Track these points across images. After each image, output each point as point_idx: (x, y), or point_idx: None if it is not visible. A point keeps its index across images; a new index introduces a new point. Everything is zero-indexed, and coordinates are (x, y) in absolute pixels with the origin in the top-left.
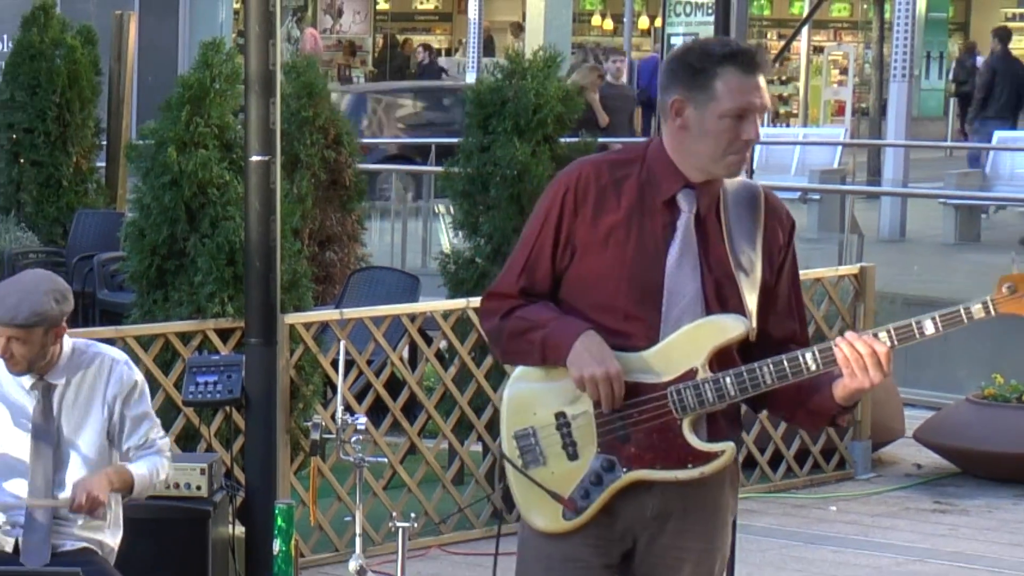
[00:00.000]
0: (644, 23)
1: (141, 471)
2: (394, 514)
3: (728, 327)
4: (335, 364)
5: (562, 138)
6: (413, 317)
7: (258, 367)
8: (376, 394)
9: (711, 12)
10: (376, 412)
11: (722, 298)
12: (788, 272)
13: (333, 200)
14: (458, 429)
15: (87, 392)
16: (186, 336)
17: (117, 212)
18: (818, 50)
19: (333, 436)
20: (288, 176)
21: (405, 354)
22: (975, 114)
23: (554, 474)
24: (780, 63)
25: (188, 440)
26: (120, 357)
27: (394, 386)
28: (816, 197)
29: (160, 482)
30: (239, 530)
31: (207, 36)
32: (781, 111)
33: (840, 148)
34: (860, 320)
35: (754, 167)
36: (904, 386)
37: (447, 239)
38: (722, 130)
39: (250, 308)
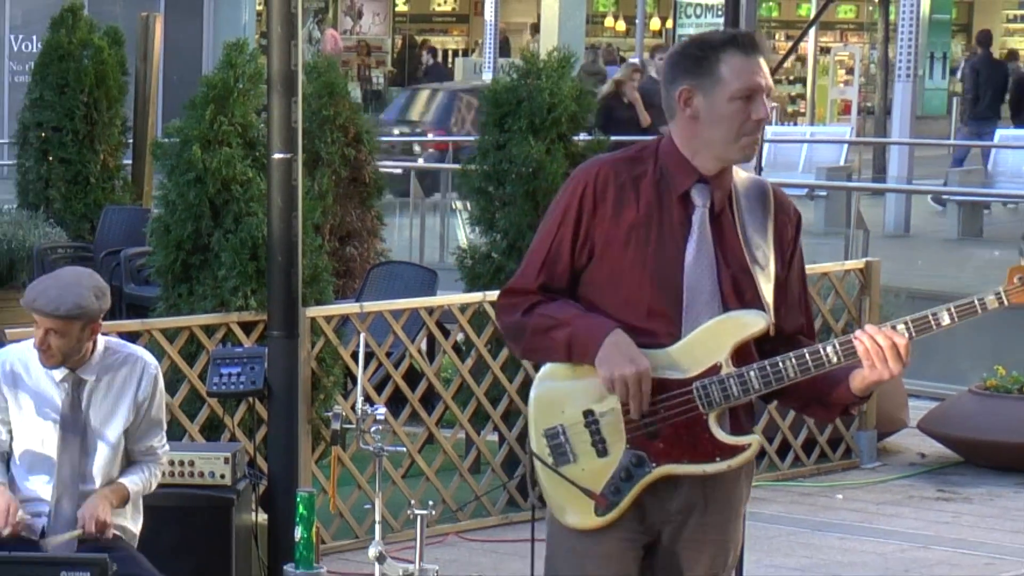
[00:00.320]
0: (655, 24)
1: (136, 485)
2: (412, 502)
3: (750, 322)
4: (355, 356)
5: (575, 136)
6: (431, 310)
7: (280, 359)
8: (395, 385)
9: (720, 14)
10: (395, 403)
11: (739, 293)
12: (797, 266)
13: (353, 196)
14: (475, 419)
15: (117, 389)
16: (210, 329)
17: (143, 208)
18: (825, 51)
19: (353, 426)
20: (309, 173)
21: (423, 346)
22: (968, 114)
23: (584, 471)
24: (798, 62)
25: (212, 430)
26: (152, 362)
27: (412, 377)
28: (823, 194)
29: (151, 489)
30: (262, 517)
31: (231, 37)
32: (789, 110)
33: (846, 146)
34: (865, 313)
35: (763, 164)
36: (909, 377)
37: (464, 235)
38: (734, 112)
39: (272, 302)
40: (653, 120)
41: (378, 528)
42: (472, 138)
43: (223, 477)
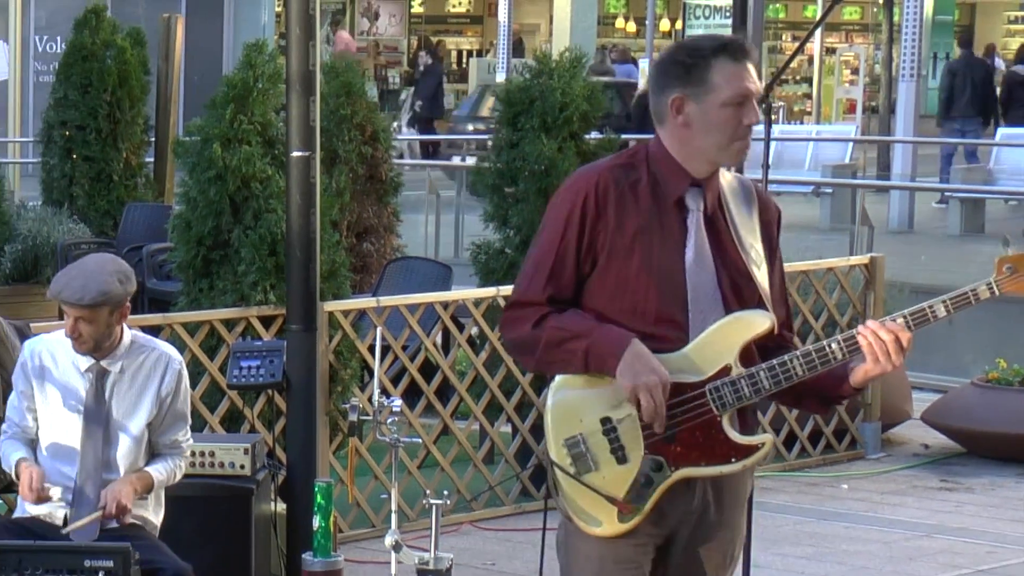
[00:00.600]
0: (665, 26)
1: (160, 475)
2: (428, 492)
3: (756, 322)
4: (372, 349)
5: (587, 135)
6: (446, 305)
7: (299, 352)
8: (411, 378)
9: (729, 15)
10: (411, 395)
11: (739, 292)
12: (779, 261)
13: (370, 194)
14: (489, 411)
15: (142, 382)
16: (230, 323)
17: (165, 205)
18: (830, 51)
19: (370, 418)
20: (327, 171)
21: (438, 340)
22: (942, 115)
23: (606, 479)
24: (805, 62)
25: (232, 421)
26: (177, 357)
27: (428, 370)
28: (829, 191)
29: (175, 480)
30: (281, 507)
31: (250, 38)
32: (796, 109)
33: (851, 144)
34: (870, 308)
35: (770, 162)
36: (912, 370)
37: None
38: (726, 119)
39: (291, 296)
40: None
41: (394, 517)
42: None
43: (243, 467)
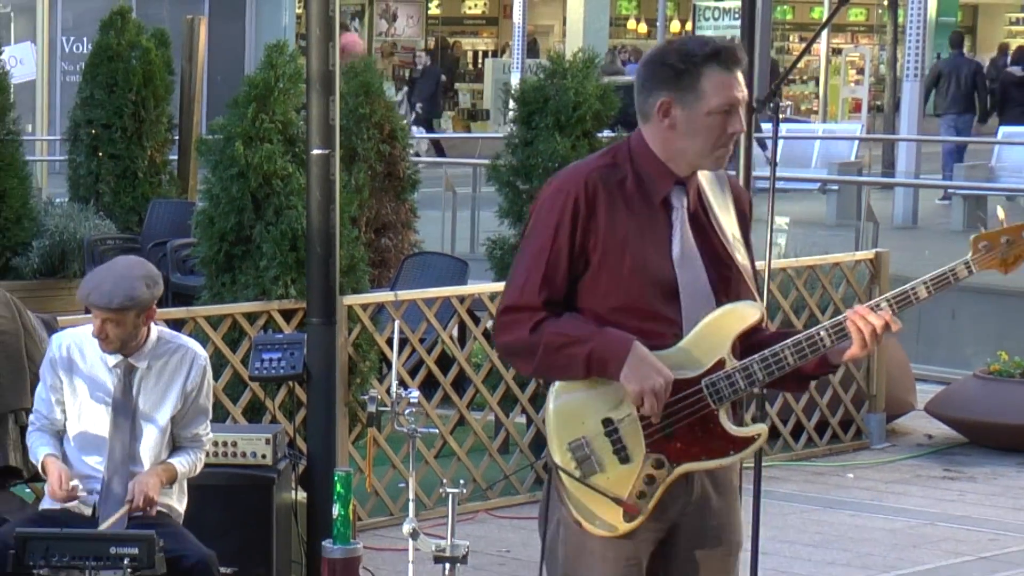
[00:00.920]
0: (676, 27)
1: (183, 467)
2: (444, 481)
3: (747, 314)
4: (390, 342)
5: (599, 133)
6: (462, 299)
7: (319, 345)
8: (428, 370)
9: (737, 16)
10: (428, 386)
11: (726, 285)
12: (749, 248)
13: (388, 190)
14: (504, 402)
15: (168, 377)
16: (252, 316)
17: (188, 202)
18: (836, 52)
19: (388, 409)
20: (346, 168)
21: (455, 333)
22: (924, 113)
23: (610, 479)
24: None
25: (254, 412)
26: (202, 353)
27: (444, 362)
28: (835, 188)
29: (195, 472)
30: (301, 496)
31: (271, 39)
32: (803, 108)
33: (857, 142)
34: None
35: (778, 159)
36: (916, 362)
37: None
38: (711, 126)
39: (311, 290)
40: None
41: (412, 506)
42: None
43: (264, 457)
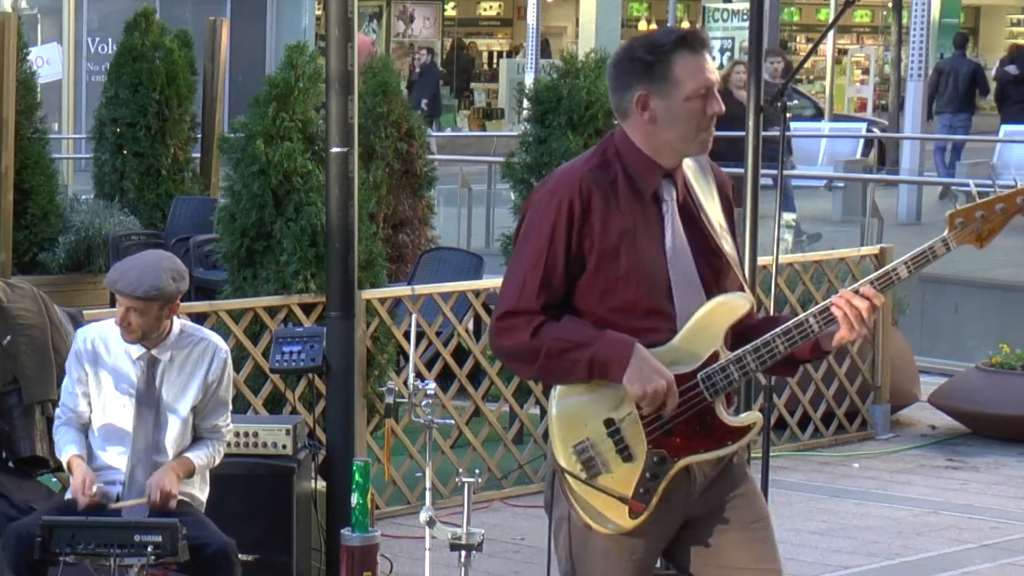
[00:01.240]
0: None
1: (201, 460)
2: (460, 470)
3: (737, 305)
4: (407, 335)
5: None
6: (477, 293)
7: (338, 338)
8: (444, 362)
9: (746, 18)
10: (444, 378)
11: (717, 277)
12: (734, 234)
13: (405, 187)
14: (518, 393)
15: (190, 369)
16: (273, 310)
17: (211, 198)
18: (842, 52)
19: (405, 400)
20: (365, 166)
21: (470, 326)
22: (929, 111)
23: (615, 478)
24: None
25: (275, 404)
26: (223, 347)
27: (460, 355)
28: (840, 185)
29: (214, 464)
30: (320, 485)
31: (292, 39)
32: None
33: (862, 140)
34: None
35: (784, 158)
36: (920, 355)
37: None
38: (691, 111)
39: (330, 285)
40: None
41: (428, 495)
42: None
43: (285, 448)
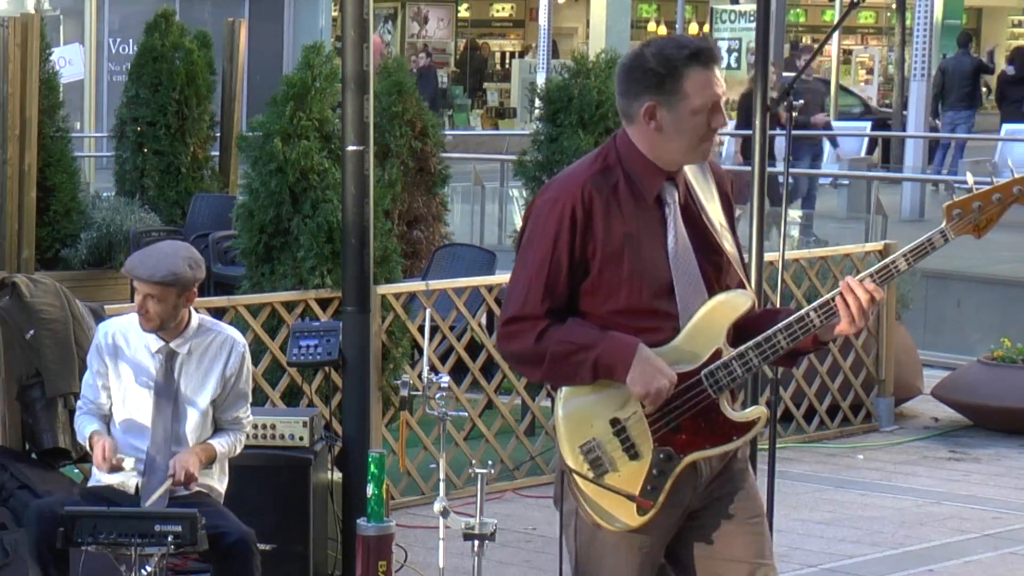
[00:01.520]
0: (694, 29)
1: (223, 447)
2: (473, 462)
3: (739, 303)
4: (421, 329)
5: None
6: (490, 288)
7: (354, 332)
8: (458, 356)
9: (752, 19)
10: (458, 372)
11: (717, 274)
12: (734, 231)
13: (420, 185)
14: (530, 387)
15: (208, 363)
16: (290, 305)
17: (229, 195)
18: (847, 52)
19: (420, 393)
20: (380, 164)
21: (483, 321)
22: (934, 110)
23: (622, 476)
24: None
25: (292, 396)
26: (241, 340)
27: (473, 349)
28: (845, 182)
29: (235, 453)
30: (337, 476)
31: (309, 40)
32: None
33: (866, 139)
34: (884, 290)
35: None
36: (923, 348)
37: (520, 219)
38: (696, 124)
39: (346, 280)
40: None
41: (442, 485)
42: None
43: (302, 439)
